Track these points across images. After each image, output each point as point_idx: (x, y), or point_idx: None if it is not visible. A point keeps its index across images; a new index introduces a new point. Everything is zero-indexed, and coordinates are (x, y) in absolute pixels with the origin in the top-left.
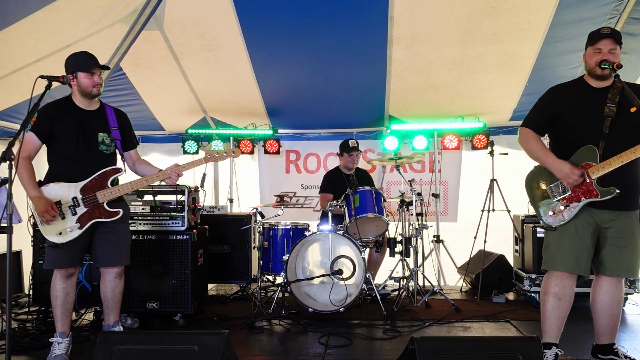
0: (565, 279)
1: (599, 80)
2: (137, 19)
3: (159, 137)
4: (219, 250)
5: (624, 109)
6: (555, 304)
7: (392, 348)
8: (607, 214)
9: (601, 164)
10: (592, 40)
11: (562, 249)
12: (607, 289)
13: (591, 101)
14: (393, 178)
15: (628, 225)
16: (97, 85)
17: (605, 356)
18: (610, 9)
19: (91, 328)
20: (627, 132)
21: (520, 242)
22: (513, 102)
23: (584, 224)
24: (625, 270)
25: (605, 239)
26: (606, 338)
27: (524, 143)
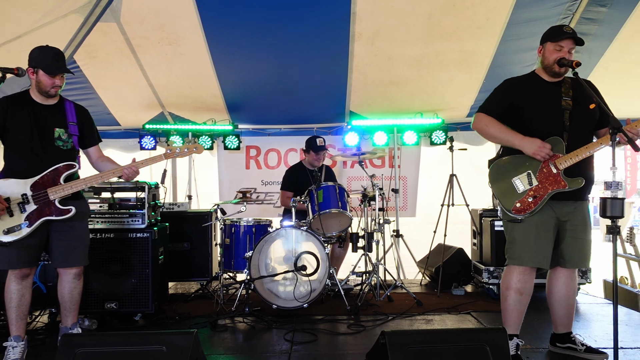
0: (527, 273)
1: (554, 77)
2: (93, 10)
3: (115, 133)
4: (179, 248)
5: (580, 103)
6: (518, 298)
7: (358, 342)
8: (567, 206)
9: (568, 155)
10: (555, 37)
11: (528, 244)
12: (564, 280)
13: (549, 93)
14: (354, 173)
15: (583, 217)
16: (56, 86)
17: (563, 344)
18: (564, 9)
19: (46, 331)
20: (585, 125)
21: (478, 235)
22: (471, 98)
23: (547, 218)
24: (582, 260)
25: (564, 232)
26: (564, 327)
27: (485, 127)
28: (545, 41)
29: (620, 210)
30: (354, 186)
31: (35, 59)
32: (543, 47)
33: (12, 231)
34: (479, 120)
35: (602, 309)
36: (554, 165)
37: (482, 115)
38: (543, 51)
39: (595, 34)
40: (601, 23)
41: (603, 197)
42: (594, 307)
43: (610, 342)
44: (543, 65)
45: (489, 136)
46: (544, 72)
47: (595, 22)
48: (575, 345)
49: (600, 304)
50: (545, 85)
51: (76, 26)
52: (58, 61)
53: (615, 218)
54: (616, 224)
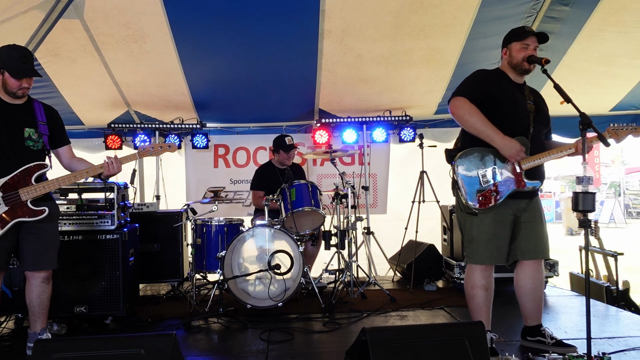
0: (488, 270)
1: (520, 75)
2: (55, 6)
3: (78, 132)
4: (150, 249)
5: (538, 109)
6: (484, 295)
7: (333, 340)
8: (522, 203)
9: (533, 157)
10: (519, 36)
11: (486, 243)
12: (530, 274)
13: (518, 94)
14: (324, 171)
15: (538, 210)
16: (23, 88)
17: (534, 337)
18: (528, 7)
19: (13, 337)
20: (541, 131)
21: (448, 231)
22: (438, 96)
23: (504, 214)
24: (541, 251)
25: (519, 225)
26: (533, 320)
27: (467, 114)
28: (510, 42)
29: (592, 204)
30: (325, 184)
31: (1, 59)
32: (508, 48)
33: None
34: (461, 105)
35: (570, 301)
36: (518, 165)
37: (463, 100)
38: (509, 52)
39: (559, 32)
40: (564, 21)
41: (575, 191)
42: (562, 300)
43: (579, 332)
44: (512, 65)
45: (468, 125)
46: (511, 72)
47: (558, 20)
48: (545, 339)
49: (567, 296)
50: (514, 85)
51: (37, 22)
52: (25, 63)
53: (587, 212)
54: (587, 217)
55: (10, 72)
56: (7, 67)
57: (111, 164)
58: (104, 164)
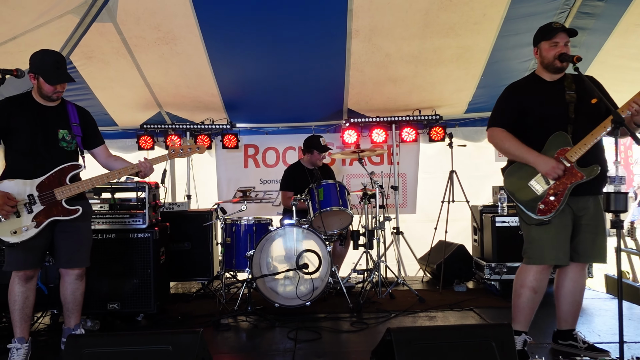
0: (544, 272)
1: (555, 73)
2: (89, 10)
3: (112, 133)
4: (180, 247)
5: (583, 98)
6: (532, 296)
7: (361, 340)
8: (583, 200)
9: (577, 146)
10: (547, 35)
11: (550, 243)
12: (572, 276)
13: (551, 91)
14: (353, 171)
15: (598, 212)
16: (57, 92)
17: (565, 342)
18: (560, 3)
19: (49, 332)
20: (589, 118)
21: (479, 231)
22: (468, 94)
23: (564, 214)
24: (597, 256)
25: (579, 227)
26: (567, 324)
27: (500, 142)
28: (539, 41)
29: (624, 205)
30: (353, 184)
31: (35, 65)
32: (538, 48)
33: (19, 232)
34: (496, 135)
35: (605, 304)
36: (565, 160)
37: (497, 130)
38: (539, 52)
39: (593, 28)
40: (598, 17)
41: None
42: (596, 302)
43: (613, 336)
44: (544, 65)
45: (504, 152)
46: (545, 72)
47: (592, 16)
48: (577, 343)
49: (602, 299)
50: (547, 85)
51: (72, 27)
52: (58, 69)
53: (619, 212)
54: (619, 218)
55: (45, 78)
56: (41, 73)
57: (145, 166)
58: (139, 164)
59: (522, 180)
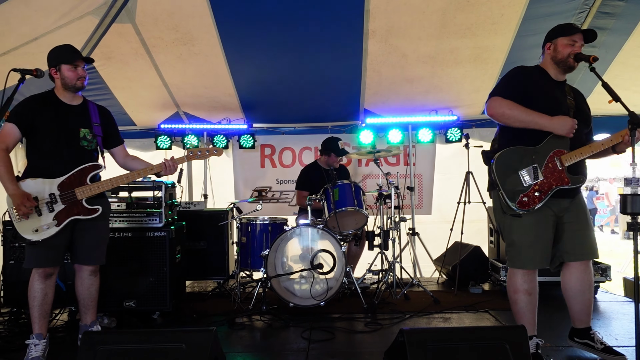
0: (531, 274)
1: (562, 72)
2: (108, 12)
3: (130, 133)
4: (196, 246)
5: (578, 104)
6: (527, 299)
7: (375, 340)
8: (563, 202)
9: (573, 152)
10: (567, 31)
11: (528, 247)
12: (577, 275)
13: (557, 90)
14: (369, 171)
15: (581, 209)
16: (81, 78)
17: (582, 340)
18: (580, 3)
19: (66, 329)
20: (582, 128)
21: (495, 233)
22: (486, 95)
23: (545, 216)
24: (588, 252)
25: (562, 226)
26: (582, 322)
27: (507, 109)
28: (557, 37)
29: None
30: (369, 184)
31: (54, 58)
32: (554, 43)
33: (41, 230)
34: (498, 104)
35: (623, 307)
36: (559, 161)
37: (499, 99)
38: (554, 46)
39: (612, 29)
40: (618, 17)
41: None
42: (614, 305)
43: (631, 340)
44: (556, 60)
45: (512, 119)
46: (553, 68)
47: (612, 16)
48: (594, 343)
49: (620, 302)
50: (553, 82)
51: (92, 27)
52: (74, 52)
53: (636, 215)
54: (637, 220)
55: (65, 60)
56: (61, 59)
57: (169, 166)
58: (162, 164)
59: (513, 168)
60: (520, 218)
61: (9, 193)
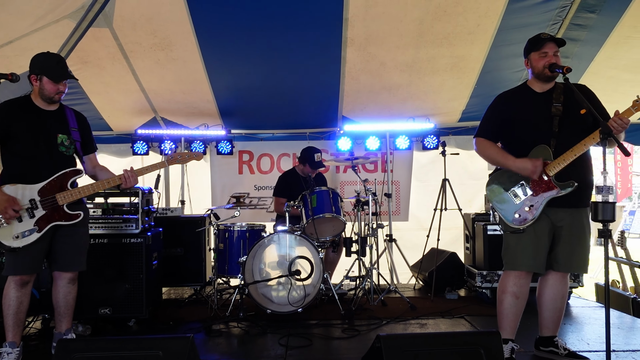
0: (523, 278)
1: (546, 82)
2: (85, 15)
3: (107, 138)
4: (173, 253)
5: (570, 108)
6: (513, 302)
7: (352, 347)
8: (562, 212)
9: (556, 160)
10: (535, 45)
11: (523, 250)
12: (553, 283)
13: (538, 103)
14: (347, 178)
15: (580, 223)
16: (60, 92)
17: (546, 348)
18: (553, 15)
19: (40, 337)
20: (575, 130)
21: (471, 239)
22: (462, 103)
23: (541, 223)
24: (577, 266)
25: (559, 236)
26: (549, 331)
27: (483, 151)
28: (529, 53)
29: (612, 214)
30: (347, 191)
31: (38, 66)
32: (528, 59)
33: (22, 237)
34: (478, 145)
35: (594, 312)
36: (544, 173)
37: (479, 140)
38: (530, 62)
39: (585, 40)
40: (590, 29)
41: (594, 201)
42: (586, 311)
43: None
44: (535, 74)
45: (488, 159)
46: (536, 82)
47: (584, 27)
48: (558, 349)
49: (592, 307)
50: (535, 96)
51: (68, 31)
52: (62, 68)
53: (607, 222)
54: (607, 227)
55: (50, 76)
56: (46, 72)
57: (128, 177)
58: (121, 176)
59: (503, 188)
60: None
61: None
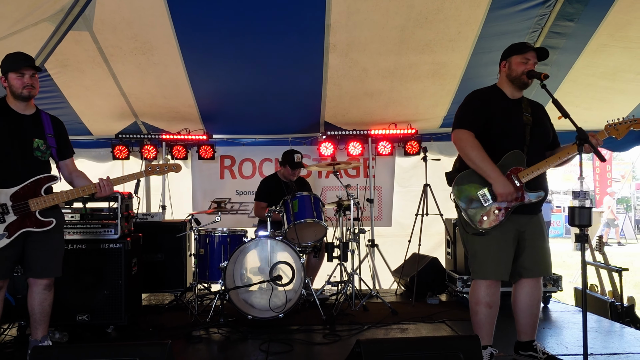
0: (494, 286)
1: (518, 89)
2: (64, 19)
3: (87, 142)
4: (153, 258)
5: (537, 121)
6: (488, 312)
7: (333, 352)
8: (524, 218)
9: (530, 169)
10: (520, 50)
11: (490, 258)
12: (528, 290)
13: (513, 109)
14: (329, 183)
15: (540, 226)
16: (27, 86)
17: (525, 352)
18: (533, 23)
19: (15, 344)
20: (541, 142)
21: (452, 244)
22: (443, 109)
23: (506, 230)
24: (543, 269)
25: (523, 242)
26: (527, 335)
27: (467, 148)
28: (510, 55)
29: (588, 219)
30: (329, 196)
31: (4, 65)
32: (508, 61)
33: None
34: (465, 138)
35: (573, 317)
36: (516, 179)
37: (464, 132)
38: (509, 65)
39: (564, 48)
40: (569, 37)
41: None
42: (565, 315)
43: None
44: (510, 78)
45: (468, 159)
46: (508, 86)
47: (563, 36)
48: (537, 354)
49: (571, 312)
50: (509, 102)
51: (47, 34)
52: (23, 60)
53: (583, 227)
54: (584, 232)
55: (10, 68)
56: (8, 67)
57: (103, 186)
58: (97, 185)
59: (472, 189)
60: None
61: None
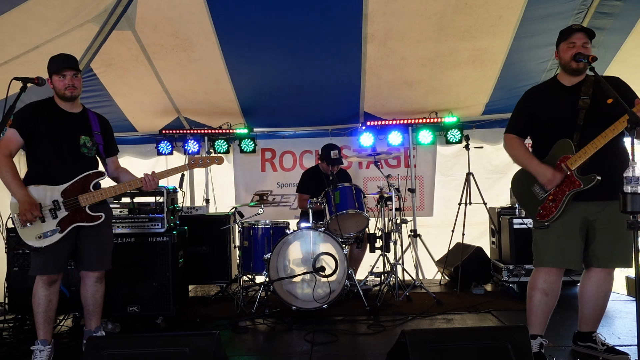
0: (552, 274)
1: (574, 75)
2: (108, 19)
3: (132, 139)
4: (198, 251)
5: (599, 100)
6: (543, 299)
7: (378, 342)
8: (594, 205)
9: (577, 154)
10: (564, 36)
11: (549, 245)
12: (595, 281)
13: (565, 98)
14: (370, 174)
15: (615, 215)
16: (69, 87)
17: (584, 343)
18: (578, 3)
19: (70, 334)
20: (602, 122)
21: (497, 234)
22: (485, 96)
23: (571, 217)
24: (619, 260)
25: (594, 231)
26: (587, 326)
27: (510, 149)
28: (559, 43)
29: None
30: (370, 187)
31: (49, 68)
32: (558, 49)
33: (44, 237)
34: (506, 141)
35: (625, 306)
36: (566, 167)
37: (508, 136)
38: (559, 54)
39: (611, 28)
40: (616, 17)
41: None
42: (617, 305)
43: (633, 339)
44: (562, 66)
45: (513, 158)
46: (565, 75)
47: (610, 16)
48: (596, 345)
49: (623, 301)
50: (562, 90)
51: (92, 35)
52: (64, 60)
53: (636, 213)
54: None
55: (53, 71)
56: (51, 69)
57: (149, 180)
58: (142, 179)
59: (526, 185)
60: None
61: (18, 199)
